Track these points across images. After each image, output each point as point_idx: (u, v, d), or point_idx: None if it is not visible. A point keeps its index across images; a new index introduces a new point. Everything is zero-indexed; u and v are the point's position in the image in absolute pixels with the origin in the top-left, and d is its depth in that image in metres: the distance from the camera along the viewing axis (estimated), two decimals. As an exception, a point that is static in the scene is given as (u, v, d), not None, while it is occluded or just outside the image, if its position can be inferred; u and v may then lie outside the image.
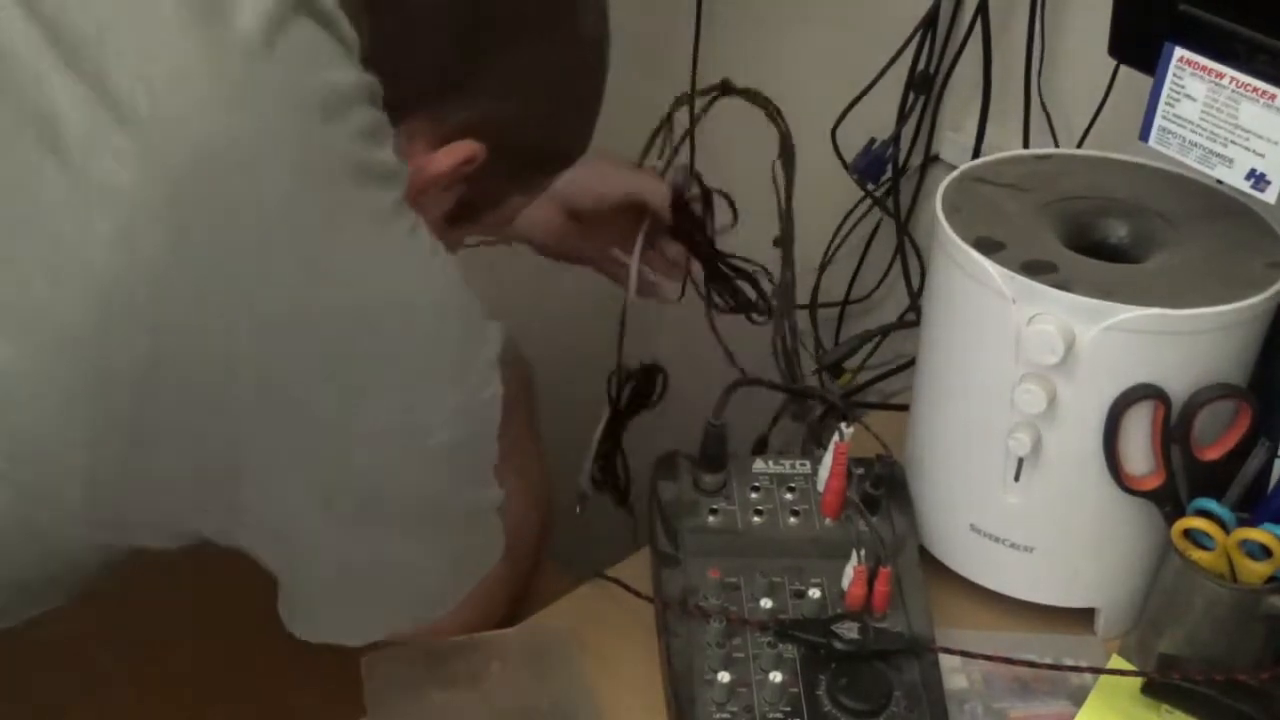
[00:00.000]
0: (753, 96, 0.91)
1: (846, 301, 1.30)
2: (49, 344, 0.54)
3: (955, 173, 0.86)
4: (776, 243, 0.91)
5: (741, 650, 0.76)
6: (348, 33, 0.60)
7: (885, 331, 1.11)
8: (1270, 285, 0.75)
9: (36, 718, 0.85)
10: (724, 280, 0.97)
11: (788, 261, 0.92)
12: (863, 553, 0.78)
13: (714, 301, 0.97)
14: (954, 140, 1.17)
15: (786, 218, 0.91)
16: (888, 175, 1.19)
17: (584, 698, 0.77)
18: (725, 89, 0.91)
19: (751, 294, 0.96)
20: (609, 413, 0.93)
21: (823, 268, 1.25)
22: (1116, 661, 0.80)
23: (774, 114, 0.90)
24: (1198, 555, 0.75)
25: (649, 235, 0.94)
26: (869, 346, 1.17)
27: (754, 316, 0.96)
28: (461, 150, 0.66)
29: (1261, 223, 0.81)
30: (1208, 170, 0.76)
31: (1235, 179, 0.75)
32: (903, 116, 1.16)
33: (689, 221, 0.95)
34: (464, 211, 0.72)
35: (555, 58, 0.70)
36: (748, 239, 0.97)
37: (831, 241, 1.25)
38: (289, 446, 0.59)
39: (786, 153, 0.91)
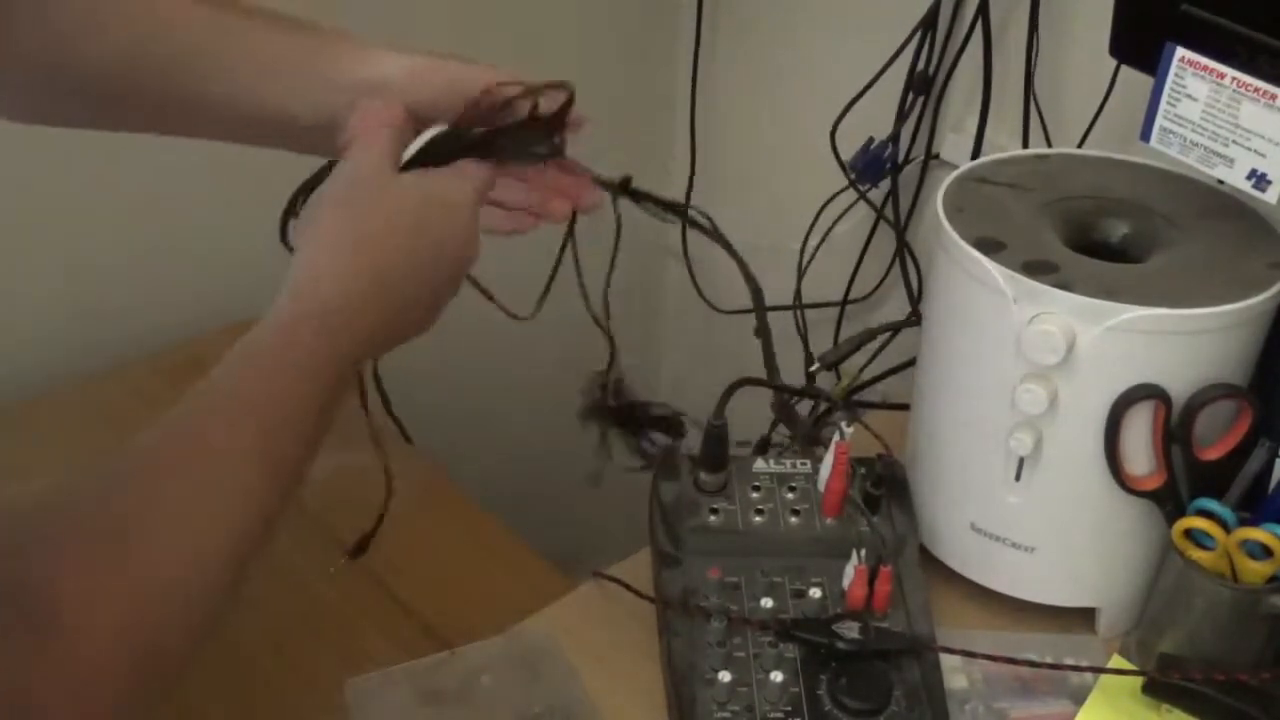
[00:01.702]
0: (649, 199, 0.76)
1: (846, 301, 1.30)
2: None
3: (956, 173, 0.86)
4: (757, 333, 0.79)
5: (742, 650, 0.76)
6: None
7: (888, 330, 1.11)
8: (1271, 285, 0.75)
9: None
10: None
11: (748, 278, 0.78)
12: (863, 552, 0.78)
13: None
14: (954, 140, 1.17)
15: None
16: (888, 175, 1.20)
17: (580, 698, 0.77)
18: (625, 187, 0.76)
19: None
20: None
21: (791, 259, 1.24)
22: (1117, 661, 0.80)
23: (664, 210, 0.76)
24: (1198, 555, 0.75)
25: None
26: (870, 347, 1.17)
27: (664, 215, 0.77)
28: None
29: (1263, 223, 0.81)
30: (1209, 170, 0.76)
31: (1236, 179, 0.75)
32: (902, 116, 1.16)
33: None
34: None
35: None
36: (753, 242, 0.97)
37: (817, 239, 1.25)
38: None
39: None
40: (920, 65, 1.14)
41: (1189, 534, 0.76)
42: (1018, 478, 0.79)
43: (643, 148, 1.46)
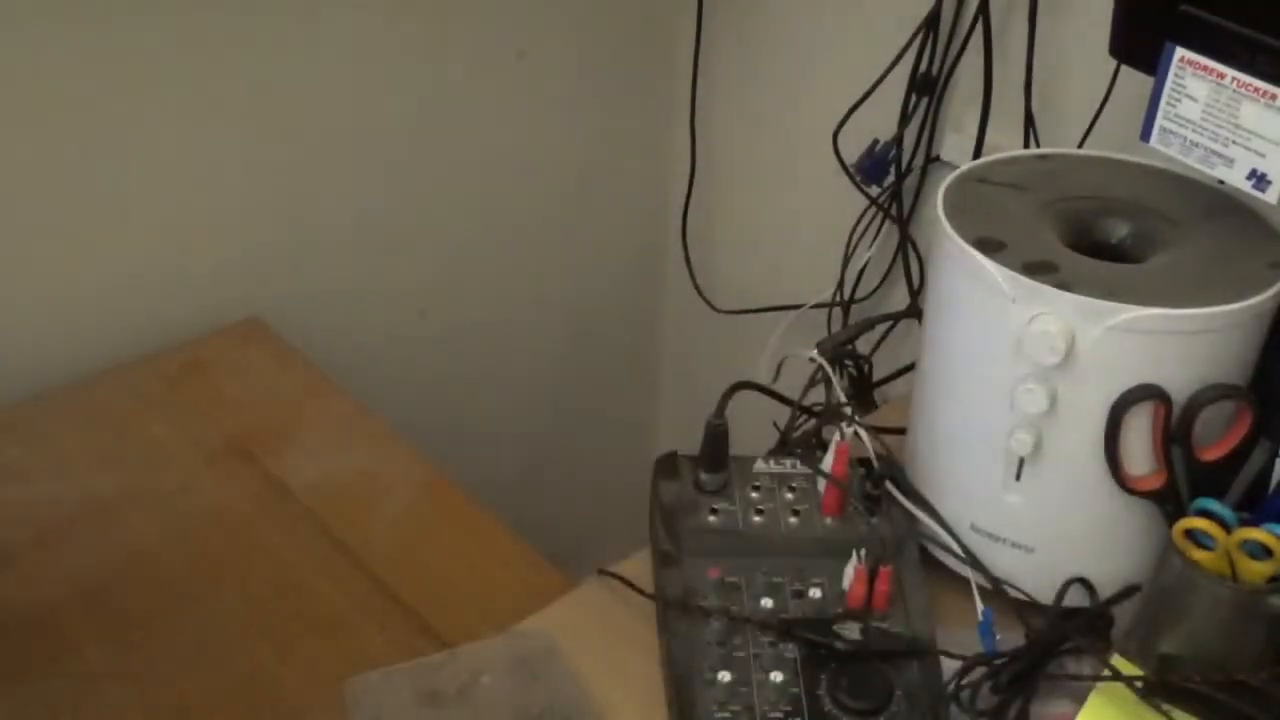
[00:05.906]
0: None
1: (852, 300, 1.30)
2: None
3: (956, 173, 0.86)
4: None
5: (742, 650, 0.76)
6: None
7: (887, 320, 1.11)
8: (1271, 285, 0.75)
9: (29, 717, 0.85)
10: None
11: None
12: (863, 552, 0.78)
13: None
14: (955, 140, 1.17)
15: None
16: (891, 177, 1.20)
17: (579, 698, 0.77)
18: None
19: None
20: None
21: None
22: (1117, 661, 0.80)
23: None
24: (1199, 555, 0.75)
25: None
26: (870, 340, 1.17)
27: None
28: None
29: (1263, 223, 0.81)
30: (1209, 170, 0.76)
31: (1236, 179, 0.75)
32: (905, 117, 1.16)
33: None
34: None
35: None
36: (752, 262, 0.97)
37: (848, 247, 1.25)
38: None
39: None
40: (922, 66, 1.14)
41: (1189, 534, 0.76)
42: (1018, 478, 0.79)
43: (643, 148, 1.46)
